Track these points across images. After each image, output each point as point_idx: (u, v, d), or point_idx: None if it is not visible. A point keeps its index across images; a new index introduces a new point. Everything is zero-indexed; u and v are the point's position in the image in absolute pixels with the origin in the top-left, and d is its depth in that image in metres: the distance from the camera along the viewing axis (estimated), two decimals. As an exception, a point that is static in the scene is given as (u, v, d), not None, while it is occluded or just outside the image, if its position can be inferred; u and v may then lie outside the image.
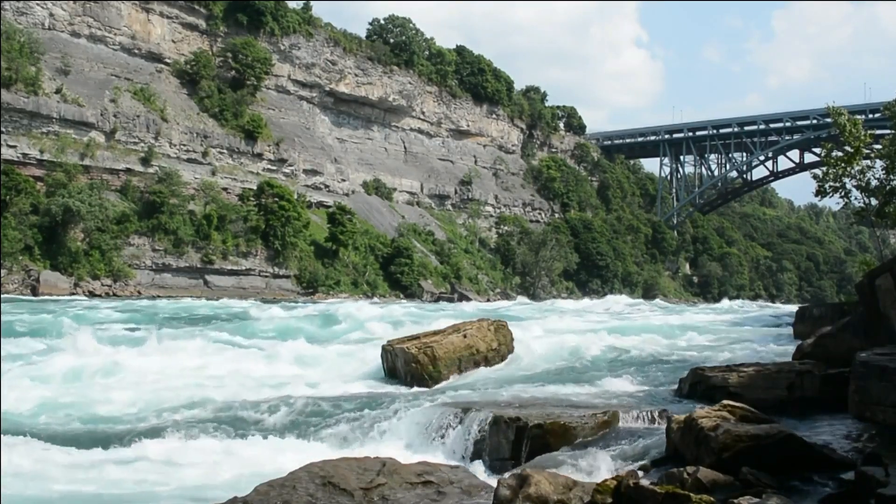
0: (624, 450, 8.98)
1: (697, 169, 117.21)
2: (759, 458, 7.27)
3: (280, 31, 78.71)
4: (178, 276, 59.49)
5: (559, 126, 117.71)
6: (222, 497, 7.37)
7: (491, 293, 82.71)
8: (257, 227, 64.63)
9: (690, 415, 8.34)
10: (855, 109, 44.31)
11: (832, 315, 19.34)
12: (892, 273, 10.75)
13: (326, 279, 67.82)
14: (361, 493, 7.62)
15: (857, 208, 26.26)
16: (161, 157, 63.02)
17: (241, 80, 73.66)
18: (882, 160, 26.03)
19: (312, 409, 12.42)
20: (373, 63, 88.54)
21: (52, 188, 54.00)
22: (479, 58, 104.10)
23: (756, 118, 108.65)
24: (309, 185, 77.80)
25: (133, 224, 57.59)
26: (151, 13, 70.10)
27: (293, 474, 7.97)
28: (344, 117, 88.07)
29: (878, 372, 7.96)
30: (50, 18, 62.49)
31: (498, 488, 7.08)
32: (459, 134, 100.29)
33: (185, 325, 27.34)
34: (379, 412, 11.83)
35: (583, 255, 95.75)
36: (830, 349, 12.89)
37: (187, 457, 10.08)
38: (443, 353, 15.50)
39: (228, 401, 13.22)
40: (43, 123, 56.32)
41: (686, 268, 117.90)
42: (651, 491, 6.36)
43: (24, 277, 49.42)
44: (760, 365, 12.30)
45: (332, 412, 12.15)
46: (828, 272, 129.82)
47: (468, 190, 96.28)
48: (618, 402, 11.35)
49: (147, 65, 68.76)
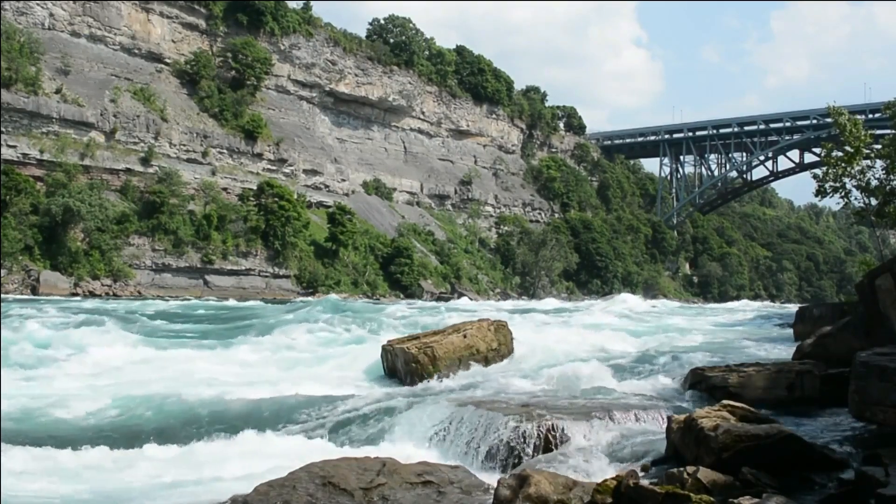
0: (624, 450, 8.98)
1: (697, 169, 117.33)
2: (759, 458, 7.27)
3: (280, 31, 78.71)
4: (178, 276, 59.48)
5: (559, 126, 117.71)
6: (221, 496, 7.37)
7: (491, 293, 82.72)
8: (257, 227, 64.63)
9: (690, 415, 8.34)
10: (855, 109, 44.35)
11: (832, 315, 19.33)
12: (892, 273, 10.75)
13: (326, 279, 67.81)
14: (361, 493, 7.62)
15: (857, 208, 26.25)
16: (161, 157, 63.01)
17: (241, 80, 73.66)
18: (882, 160, 26.03)
19: (312, 409, 12.42)
20: (373, 63, 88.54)
21: (52, 188, 54.00)
22: (479, 58, 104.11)
23: (756, 118, 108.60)
24: (309, 185, 77.80)
25: (133, 224, 57.58)
26: (151, 13, 70.09)
27: (293, 474, 7.97)
28: (344, 117, 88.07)
29: (878, 372, 7.95)
30: (50, 18, 62.49)
31: (498, 488, 7.08)
32: (459, 134, 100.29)
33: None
34: (379, 412, 11.83)
35: (583, 255, 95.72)
36: (830, 349, 12.89)
37: (187, 456, 10.08)
38: (443, 352, 15.50)
39: (225, 399, 13.22)
40: (43, 123, 56.32)
41: (686, 268, 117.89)
42: (651, 491, 6.36)
43: (24, 277, 49.42)
44: (760, 365, 12.30)
45: (331, 412, 12.15)
46: (828, 272, 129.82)
47: (468, 190, 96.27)
48: (618, 401, 11.34)
49: (147, 65, 68.77)
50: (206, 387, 14.37)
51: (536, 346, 18.90)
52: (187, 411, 12.50)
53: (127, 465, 9.68)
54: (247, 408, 12.66)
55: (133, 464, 9.75)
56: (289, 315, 31.12)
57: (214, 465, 9.66)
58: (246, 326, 26.79)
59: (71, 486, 8.71)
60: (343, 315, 29.68)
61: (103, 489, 8.67)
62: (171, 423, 11.68)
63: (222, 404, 12.96)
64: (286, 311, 35.04)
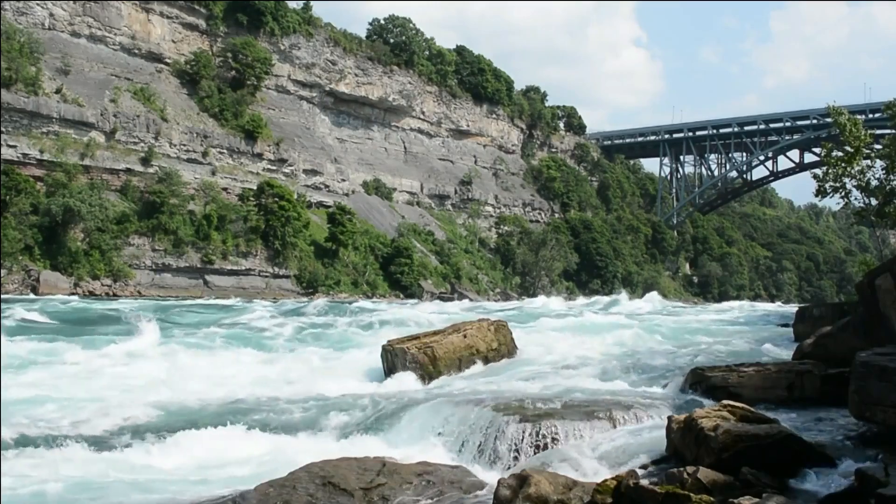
0: (624, 450, 8.97)
1: (697, 169, 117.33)
2: (759, 458, 7.27)
3: (280, 31, 78.72)
4: (178, 276, 59.48)
5: (559, 126, 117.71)
6: (221, 495, 7.37)
7: (491, 293, 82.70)
8: (257, 227, 64.62)
9: (690, 415, 8.34)
10: (855, 109, 44.37)
11: (832, 315, 19.27)
12: (892, 273, 10.74)
13: (326, 279, 67.82)
14: (361, 493, 7.63)
15: (857, 208, 26.28)
16: (161, 157, 63.00)
17: (241, 80, 73.66)
18: (882, 160, 26.06)
19: (312, 409, 12.42)
20: (373, 63, 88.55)
21: (52, 188, 54.00)
22: (479, 58, 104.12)
23: (756, 118, 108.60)
24: (309, 185, 77.80)
25: (133, 224, 57.58)
26: (151, 13, 70.10)
27: (293, 474, 7.98)
28: (344, 117, 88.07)
29: (878, 372, 7.95)
30: (50, 18, 62.48)
31: (498, 488, 7.08)
32: (459, 134, 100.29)
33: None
34: (379, 412, 11.83)
35: (583, 255, 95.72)
36: (830, 349, 12.86)
37: (187, 455, 10.08)
38: (443, 352, 15.51)
39: (225, 399, 13.22)
40: (43, 123, 56.31)
41: (686, 268, 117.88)
42: (651, 491, 6.36)
43: (24, 277, 49.43)
44: (760, 365, 12.29)
45: (331, 412, 12.15)
46: (828, 272, 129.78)
47: (468, 190, 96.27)
48: (618, 401, 11.33)
49: (147, 65, 68.76)
50: (207, 387, 14.39)
51: (536, 345, 18.92)
52: (187, 411, 12.50)
53: (127, 465, 9.67)
54: (247, 408, 12.66)
55: (132, 462, 9.74)
56: (287, 315, 31.10)
57: (214, 465, 9.67)
58: (242, 326, 26.77)
59: (74, 482, 8.70)
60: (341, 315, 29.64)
61: (105, 488, 8.67)
62: (170, 422, 11.67)
63: (222, 404, 12.96)
64: (286, 311, 35.03)
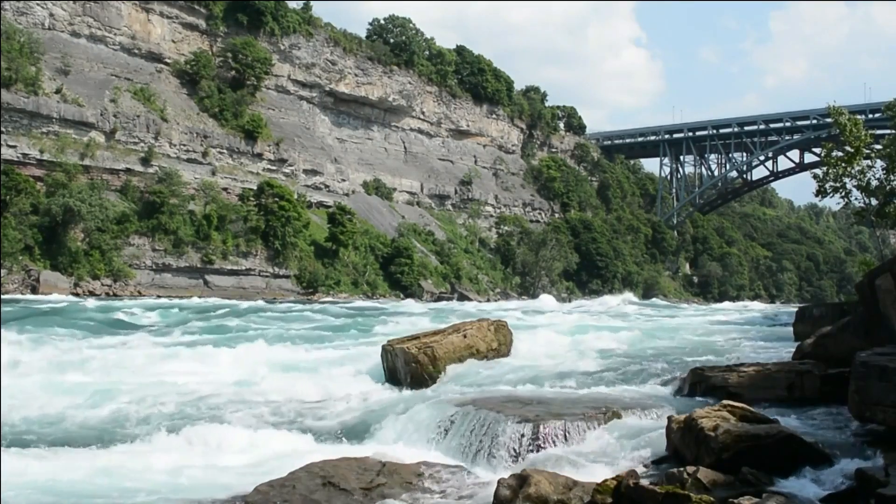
0: (624, 450, 8.97)
1: (697, 169, 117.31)
2: (759, 458, 7.27)
3: (280, 31, 78.69)
4: (178, 276, 59.48)
5: (559, 126, 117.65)
6: (222, 495, 7.37)
7: (491, 293, 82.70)
8: (257, 227, 64.61)
9: (690, 415, 8.34)
10: (855, 109, 44.31)
11: (832, 315, 19.28)
12: (892, 273, 10.75)
13: (326, 279, 67.81)
14: (361, 493, 7.63)
15: (857, 208, 26.29)
16: (161, 157, 62.99)
17: (241, 80, 73.65)
18: (882, 160, 26.07)
19: (312, 409, 12.42)
20: (373, 63, 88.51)
21: (52, 188, 53.98)
22: (479, 58, 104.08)
23: (756, 118, 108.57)
24: (309, 185, 77.79)
25: (133, 224, 57.56)
26: (151, 13, 70.08)
27: (293, 474, 7.98)
28: (344, 117, 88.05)
29: (878, 372, 7.95)
30: (50, 18, 62.47)
31: (498, 488, 7.09)
32: (459, 134, 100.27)
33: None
34: (379, 412, 11.83)
35: (583, 255, 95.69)
36: (830, 349, 12.87)
37: (187, 455, 10.08)
38: (443, 352, 15.49)
39: (226, 399, 13.21)
40: (43, 123, 56.30)
41: (686, 268, 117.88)
42: (651, 491, 6.36)
43: (24, 277, 49.43)
44: (760, 365, 12.29)
45: (331, 412, 12.15)
46: (828, 272, 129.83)
47: (468, 190, 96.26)
48: (618, 401, 11.33)
49: (147, 65, 68.75)
50: (207, 387, 14.38)
51: (537, 345, 18.92)
52: (187, 411, 12.50)
53: (127, 464, 9.67)
54: (247, 408, 12.65)
55: (132, 462, 9.74)
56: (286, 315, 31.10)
57: (215, 465, 9.66)
58: (241, 326, 26.76)
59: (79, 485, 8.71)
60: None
61: (106, 486, 8.67)
62: (170, 421, 11.67)
63: (223, 404, 12.96)
64: (285, 311, 35.04)
